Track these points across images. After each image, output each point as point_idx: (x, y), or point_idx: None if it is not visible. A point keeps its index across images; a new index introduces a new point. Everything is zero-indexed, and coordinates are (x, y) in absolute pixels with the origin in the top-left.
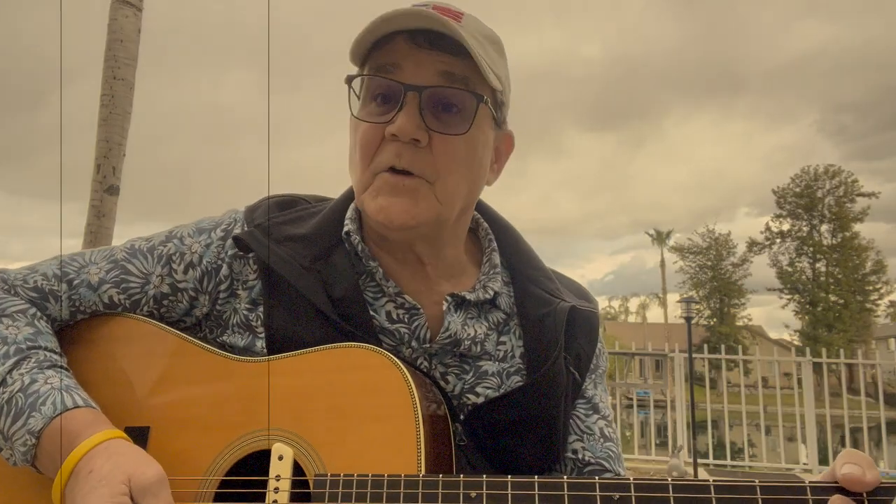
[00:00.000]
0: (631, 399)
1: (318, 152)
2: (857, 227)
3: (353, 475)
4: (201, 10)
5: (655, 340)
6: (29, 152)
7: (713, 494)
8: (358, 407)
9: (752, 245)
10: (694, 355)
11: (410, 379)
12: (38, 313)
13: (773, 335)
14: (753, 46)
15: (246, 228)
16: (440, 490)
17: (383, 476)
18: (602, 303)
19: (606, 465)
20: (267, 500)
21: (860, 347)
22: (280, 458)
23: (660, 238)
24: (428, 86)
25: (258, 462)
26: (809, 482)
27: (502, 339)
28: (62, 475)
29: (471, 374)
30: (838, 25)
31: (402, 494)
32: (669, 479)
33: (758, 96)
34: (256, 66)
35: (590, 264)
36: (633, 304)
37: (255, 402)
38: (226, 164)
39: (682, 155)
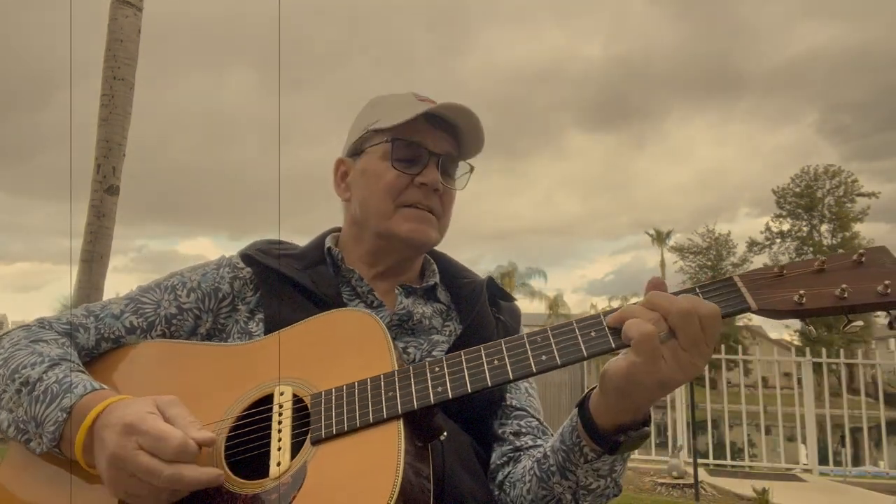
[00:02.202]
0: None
1: (318, 152)
2: (857, 227)
3: (342, 386)
4: (202, 9)
5: None
6: (29, 153)
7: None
8: (341, 346)
9: (752, 245)
10: None
11: (379, 319)
12: (67, 342)
13: (773, 335)
14: (754, 47)
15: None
16: (412, 373)
17: (366, 379)
18: (602, 303)
19: (530, 410)
20: (273, 422)
21: (860, 347)
22: (282, 393)
23: (660, 238)
24: (442, 154)
25: (265, 406)
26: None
27: (447, 323)
28: (89, 418)
29: (425, 344)
30: (838, 26)
31: (382, 384)
32: (575, 321)
33: (758, 96)
34: (257, 67)
35: (591, 264)
36: None
37: (257, 365)
38: (226, 164)
39: (682, 155)
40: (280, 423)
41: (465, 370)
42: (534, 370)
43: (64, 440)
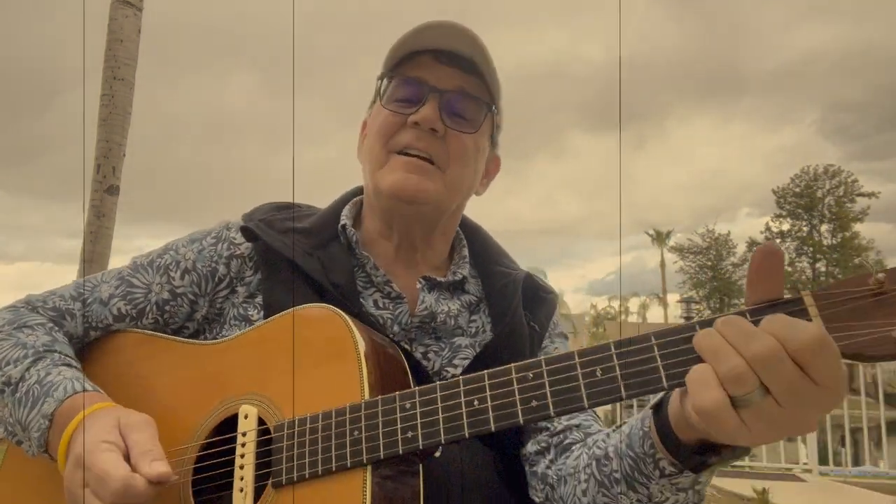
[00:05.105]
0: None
1: (319, 153)
2: (857, 227)
3: (306, 416)
4: (202, 10)
5: None
6: (29, 153)
7: (613, 351)
8: (308, 358)
9: (753, 245)
10: None
11: (350, 322)
12: (55, 327)
13: None
14: (754, 47)
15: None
16: (380, 408)
17: (331, 410)
18: (602, 303)
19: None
20: (237, 454)
21: None
22: (245, 416)
23: (660, 238)
24: (448, 90)
25: (231, 426)
26: (698, 321)
27: (473, 317)
28: (65, 435)
29: (447, 349)
30: (839, 26)
31: (347, 421)
32: (575, 351)
33: (758, 97)
34: (257, 67)
35: (591, 264)
36: (634, 304)
37: (223, 376)
38: (226, 164)
39: (683, 155)
40: (243, 456)
41: (440, 412)
42: (520, 420)
43: (51, 446)
